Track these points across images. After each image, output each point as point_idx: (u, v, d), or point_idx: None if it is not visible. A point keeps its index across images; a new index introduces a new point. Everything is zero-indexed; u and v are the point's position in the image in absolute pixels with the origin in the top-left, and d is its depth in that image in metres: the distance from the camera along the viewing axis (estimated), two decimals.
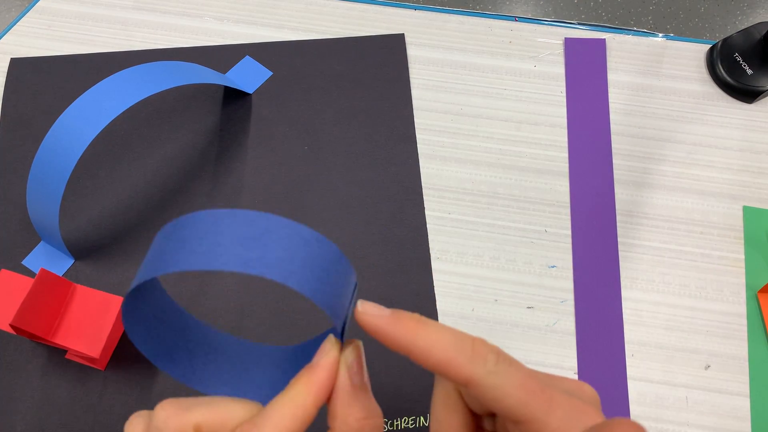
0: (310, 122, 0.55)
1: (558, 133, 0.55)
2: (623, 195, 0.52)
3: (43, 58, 0.57)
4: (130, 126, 0.54)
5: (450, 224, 0.51)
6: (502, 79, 0.57)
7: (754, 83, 0.55)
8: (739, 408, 0.45)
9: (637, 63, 0.58)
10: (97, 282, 0.48)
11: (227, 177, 0.52)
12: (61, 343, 0.41)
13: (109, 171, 0.52)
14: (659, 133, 0.55)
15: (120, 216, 0.51)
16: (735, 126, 0.55)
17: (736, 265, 0.49)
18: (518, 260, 0.50)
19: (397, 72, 0.57)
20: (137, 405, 0.44)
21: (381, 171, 0.53)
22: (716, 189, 0.52)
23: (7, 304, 0.41)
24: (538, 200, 0.52)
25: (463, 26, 0.60)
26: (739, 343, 0.47)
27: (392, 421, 0.44)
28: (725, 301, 0.48)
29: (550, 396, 0.22)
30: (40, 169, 0.42)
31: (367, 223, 0.50)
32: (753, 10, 1.48)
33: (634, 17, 1.47)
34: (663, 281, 0.49)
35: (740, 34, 0.57)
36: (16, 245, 0.49)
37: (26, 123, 0.54)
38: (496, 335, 0.47)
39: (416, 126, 0.55)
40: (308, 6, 0.61)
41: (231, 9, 0.60)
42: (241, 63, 0.57)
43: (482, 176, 0.53)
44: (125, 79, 0.43)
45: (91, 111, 0.42)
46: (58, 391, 0.45)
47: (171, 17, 0.60)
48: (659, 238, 0.50)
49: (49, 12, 0.60)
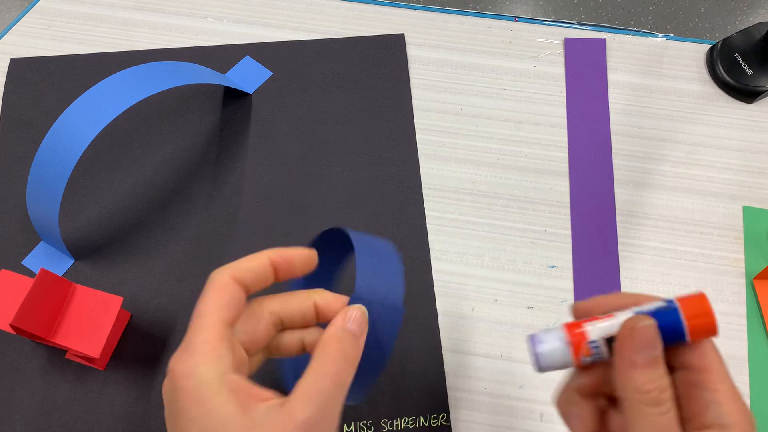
0: (310, 122, 0.55)
1: (558, 133, 0.55)
2: (623, 195, 0.52)
3: (43, 58, 0.57)
4: (130, 126, 0.54)
5: (450, 224, 0.51)
6: (502, 79, 0.57)
7: (754, 83, 0.55)
8: None
9: (637, 63, 0.58)
10: (97, 282, 0.48)
11: (227, 177, 0.52)
12: (61, 343, 0.41)
13: (109, 171, 0.52)
14: (659, 133, 0.55)
15: (120, 216, 0.51)
16: (735, 126, 0.55)
17: (736, 265, 0.49)
18: (518, 260, 0.50)
19: (397, 72, 0.57)
20: (137, 405, 0.44)
21: (381, 171, 0.53)
22: (716, 189, 0.52)
23: (7, 304, 0.41)
24: (538, 200, 0.52)
25: (463, 26, 0.60)
26: (739, 343, 0.47)
27: (392, 421, 0.44)
28: (725, 301, 0.48)
29: None
30: (40, 169, 0.42)
31: (367, 223, 0.50)
32: (753, 10, 1.48)
33: (634, 17, 1.47)
34: (663, 281, 0.49)
35: (740, 34, 0.57)
36: (16, 245, 0.49)
37: (26, 123, 0.54)
38: (496, 335, 0.47)
39: (416, 126, 0.55)
40: (308, 6, 0.61)
41: (231, 9, 0.60)
42: (241, 63, 0.57)
43: (482, 176, 0.53)
44: (125, 79, 0.43)
45: (91, 111, 0.42)
46: (58, 391, 0.45)
47: (171, 17, 0.60)
48: (659, 238, 0.50)
49: (49, 12, 0.60)
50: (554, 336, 0.28)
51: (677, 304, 0.27)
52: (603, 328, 0.27)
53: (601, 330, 0.27)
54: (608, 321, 0.27)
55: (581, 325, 0.28)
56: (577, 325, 0.28)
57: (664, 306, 0.27)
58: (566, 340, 0.27)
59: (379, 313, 0.29)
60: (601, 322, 0.27)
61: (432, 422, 0.44)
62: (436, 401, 0.45)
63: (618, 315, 0.27)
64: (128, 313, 0.47)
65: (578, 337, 0.27)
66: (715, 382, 0.25)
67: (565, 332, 0.28)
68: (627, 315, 0.27)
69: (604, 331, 0.27)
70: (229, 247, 0.49)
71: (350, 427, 0.44)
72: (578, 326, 0.28)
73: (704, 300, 0.26)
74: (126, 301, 0.47)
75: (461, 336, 0.47)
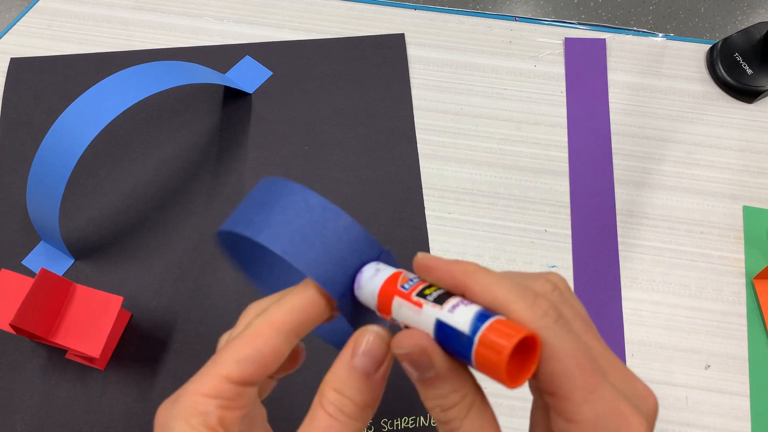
0: (310, 122, 0.55)
1: (558, 133, 0.55)
2: (623, 195, 0.52)
3: (43, 58, 0.57)
4: (130, 126, 0.54)
5: (450, 224, 0.51)
6: (502, 79, 0.57)
7: (754, 83, 0.55)
8: (739, 408, 0.45)
9: (637, 63, 0.58)
10: (97, 282, 0.48)
11: (227, 177, 0.52)
12: (61, 343, 0.41)
13: (109, 171, 0.52)
14: (659, 133, 0.55)
15: (120, 216, 0.51)
16: (735, 126, 0.55)
17: (736, 265, 0.49)
18: (518, 260, 0.50)
19: (397, 72, 0.57)
20: (137, 405, 0.44)
21: (381, 171, 0.53)
22: (716, 189, 0.52)
23: (7, 304, 0.41)
24: (538, 200, 0.52)
25: (463, 26, 0.60)
26: (739, 343, 0.47)
27: (392, 421, 0.44)
28: (725, 301, 0.48)
29: (597, 382, 0.19)
30: (40, 169, 0.42)
31: (367, 223, 0.50)
32: (753, 10, 1.48)
33: (634, 17, 1.47)
34: (663, 281, 0.49)
35: (740, 34, 0.57)
36: (16, 245, 0.49)
37: (26, 123, 0.54)
38: None
39: (416, 126, 0.55)
40: (308, 6, 0.61)
41: (231, 9, 0.60)
42: (241, 63, 0.57)
43: (482, 176, 0.53)
44: (125, 79, 0.43)
45: (91, 111, 0.42)
46: (58, 391, 0.45)
47: (171, 17, 0.60)
48: (659, 238, 0.50)
49: (49, 12, 0.60)
50: (375, 284, 0.23)
51: (477, 338, 0.20)
52: (404, 313, 0.22)
53: (402, 313, 0.22)
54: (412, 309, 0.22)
55: (393, 294, 0.22)
56: (392, 289, 0.22)
57: (462, 334, 0.20)
58: (376, 299, 0.23)
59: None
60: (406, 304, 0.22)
61: (432, 422, 0.44)
62: None
63: (424, 310, 0.21)
64: (128, 313, 0.47)
65: (384, 304, 0.23)
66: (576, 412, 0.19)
67: (379, 290, 0.23)
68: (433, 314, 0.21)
69: (403, 316, 0.22)
70: None
71: None
72: (391, 294, 0.22)
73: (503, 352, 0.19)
74: (126, 301, 0.47)
75: None
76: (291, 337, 0.22)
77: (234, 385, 0.21)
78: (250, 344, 0.22)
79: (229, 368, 0.21)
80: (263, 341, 0.22)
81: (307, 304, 0.22)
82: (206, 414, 0.21)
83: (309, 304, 0.22)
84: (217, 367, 0.22)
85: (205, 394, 0.21)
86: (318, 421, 0.21)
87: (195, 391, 0.21)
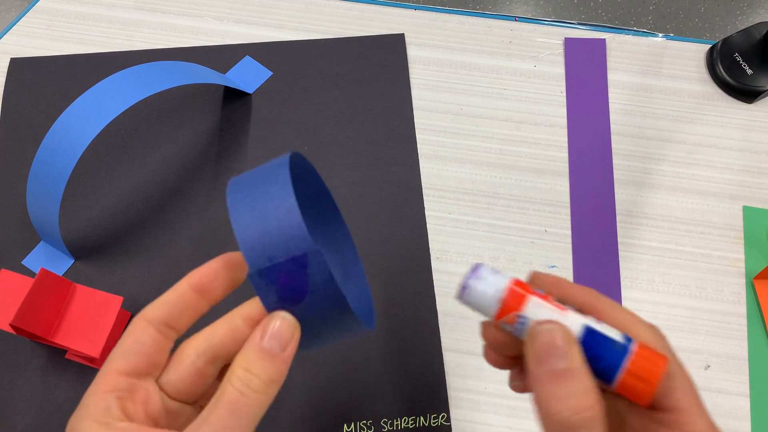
0: (310, 122, 0.55)
1: (558, 133, 0.55)
2: (623, 195, 0.52)
3: (43, 58, 0.57)
4: (130, 126, 0.54)
5: (450, 224, 0.51)
6: (502, 79, 0.57)
7: (754, 83, 0.55)
8: (739, 408, 0.45)
9: (637, 63, 0.58)
10: (97, 282, 0.48)
11: (227, 177, 0.52)
12: (61, 343, 0.41)
13: (109, 171, 0.52)
14: (659, 133, 0.55)
15: (120, 216, 0.51)
16: (735, 126, 0.55)
17: (736, 265, 0.49)
18: (518, 260, 0.50)
19: (397, 72, 0.57)
20: None
21: (381, 171, 0.53)
22: (716, 189, 0.52)
23: (7, 304, 0.41)
24: (538, 200, 0.52)
25: (463, 26, 0.60)
26: (739, 343, 0.47)
27: (392, 421, 0.44)
28: (725, 301, 0.48)
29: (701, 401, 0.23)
30: (40, 169, 0.42)
31: (367, 223, 0.50)
32: (753, 10, 1.48)
33: (634, 17, 1.47)
34: (663, 281, 0.49)
35: (740, 34, 0.57)
36: (16, 245, 0.49)
37: (26, 123, 0.54)
38: None
39: (416, 126, 0.55)
40: (308, 6, 0.61)
41: (231, 9, 0.60)
42: (241, 63, 0.57)
43: (482, 176, 0.53)
44: (125, 79, 0.43)
45: (91, 111, 0.42)
46: (58, 391, 0.45)
47: (171, 17, 0.60)
48: (659, 238, 0.50)
49: (49, 12, 0.60)
50: (495, 282, 0.24)
51: (633, 349, 0.23)
52: (542, 312, 0.23)
53: (539, 312, 0.23)
54: (555, 311, 0.24)
55: (528, 294, 0.24)
56: (527, 290, 0.24)
57: (617, 342, 0.23)
58: (501, 297, 0.24)
59: (293, 270, 0.23)
60: (548, 305, 0.24)
61: (432, 422, 0.44)
62: (436, 401, 0.45)
63: (569, 314, 0.23)
64: (128, 313, 0.47)
65: (514, 301, 0.24)
66: (693, 424, 0.23)
67: (507, 288, 0.24)
68: (579, 320, 0.23)
69: (540, 315, 0.23)
70: (229, 247, 0.49)
71: (350, 427, 0.44)
72: (525, 293, 0.24)
73: (660, 366, 0.22)
74: (126, 301, 0.47)
75: (461, 336, 0.47)
76: (163, 328, 0.25)
77: (127, 377, 0.24)
78: (130, 338, 0.25)
79: (117, 363, 0.24)
80: (140, 333, 0.25)
81: (177, 298, 0.25)
82: (108, 408, 0.23)
83: (178, 297, 0.25)
84: (108, 365, 0.24)
85: (103, 391, 0.23)
86: (227, 395, 0.23)
87: (94, 391, 0.23)
